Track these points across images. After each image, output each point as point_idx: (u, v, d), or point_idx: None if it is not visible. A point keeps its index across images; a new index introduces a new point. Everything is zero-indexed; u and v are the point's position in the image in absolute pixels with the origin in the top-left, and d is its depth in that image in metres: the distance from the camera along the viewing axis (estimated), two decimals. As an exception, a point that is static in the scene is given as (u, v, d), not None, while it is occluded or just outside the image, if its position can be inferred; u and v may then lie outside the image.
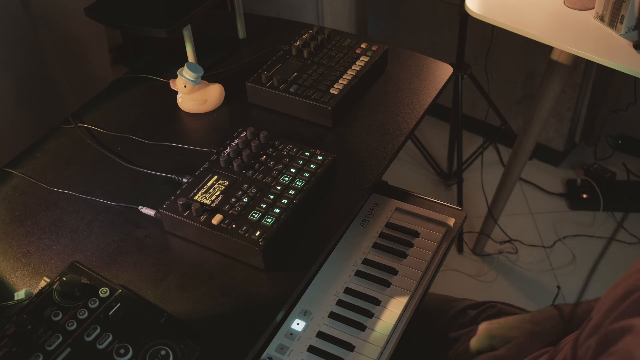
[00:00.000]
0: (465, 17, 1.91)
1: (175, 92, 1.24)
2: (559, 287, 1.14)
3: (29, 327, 0.84)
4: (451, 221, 1.11)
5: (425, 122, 1.37)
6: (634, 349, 0.62)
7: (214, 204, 0.98)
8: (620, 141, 2.46)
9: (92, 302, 0.88)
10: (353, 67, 1.23)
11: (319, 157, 1.05)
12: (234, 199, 0.98)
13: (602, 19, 1.41)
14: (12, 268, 0.98)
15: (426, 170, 2.48)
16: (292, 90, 1.19)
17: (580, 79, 2.18)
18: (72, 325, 0.85)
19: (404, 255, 1.06)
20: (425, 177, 2.46)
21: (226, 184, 1.01)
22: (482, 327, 1.08)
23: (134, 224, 1.03)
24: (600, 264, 0.91)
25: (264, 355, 0.92)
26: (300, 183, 1.01)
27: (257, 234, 0.93)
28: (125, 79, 1.36)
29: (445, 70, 1.30)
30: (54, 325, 0.85)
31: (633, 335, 0.63)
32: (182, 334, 0.84)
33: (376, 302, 0.99)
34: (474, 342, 1.08)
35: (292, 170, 1.03)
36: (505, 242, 2.20)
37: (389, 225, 1.11)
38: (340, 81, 1.19)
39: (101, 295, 0.89)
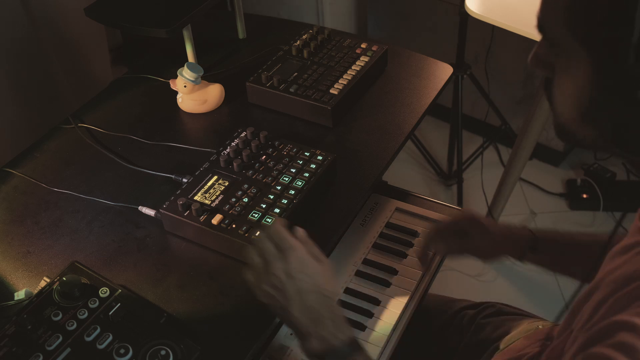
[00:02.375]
0: (465, 17, 1.91)
1: (175, 92, 1.24)
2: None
3: (29, 327, 0.84)
4: (451, 221, 1.11)
5: (425, 122, 1.37)
6: (635, 342, 0.60)
7: (214, 204, 0.98)
8: (620, 141, 2.45)
9: (92, 302, 0.88)
10: (353, 67, 1.23)
11: (319, 157, 1.05)
12: (234, 199, 0.98)
13: (602, 19, 1.41)
14: (12, 268, 0.98)
15: (426, 170, 2.48)
16: (292, 90, 1.18)
17: (580, 79, 2.17)
18: (72, 325, 0.85)
19: (404, 255, 1.06)
20: (425, 177, 2.46)
21: (226, 184, 1.01)
22: None
23: (134, 224, 1.03)
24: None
25: (264, 355, 0.91)
26: (300, 183, 1.01)
27: (257, 234, 0.93)
28: (125, 79, 1.36)
29: (445, 70, 1.30)
30: (54, 325, 0.85)
31: (632, 333, 0.61)
32: (182, 334, 0.84)
33: (376, 302, 0.99)
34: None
35: (292, 170, 1.03)
36: (505, 242, 2.19)
37: (389, 225, 1.11)
38: (340, 81, 1.19)
39: (101, 295, 0.89)
